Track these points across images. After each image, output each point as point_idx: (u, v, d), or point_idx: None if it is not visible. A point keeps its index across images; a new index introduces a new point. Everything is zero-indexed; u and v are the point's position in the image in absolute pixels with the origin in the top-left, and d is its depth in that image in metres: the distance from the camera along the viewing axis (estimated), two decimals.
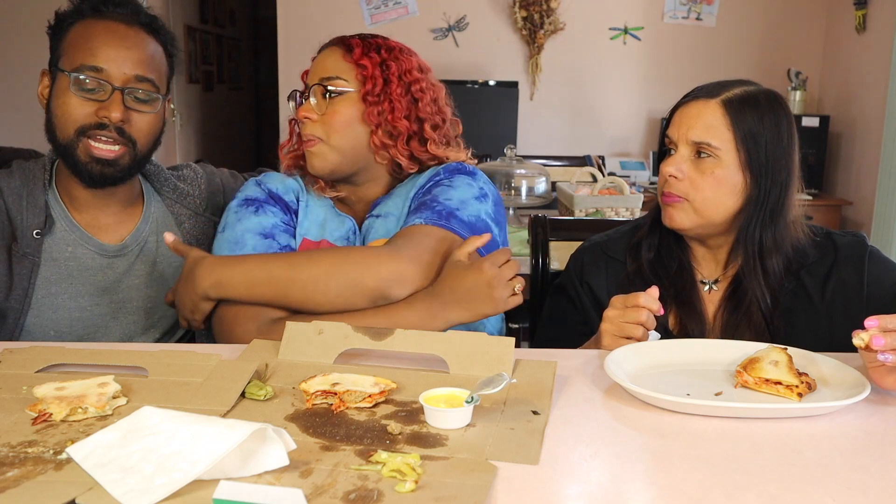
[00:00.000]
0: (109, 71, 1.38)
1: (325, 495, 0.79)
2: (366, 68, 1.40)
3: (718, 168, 1.34)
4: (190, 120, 6.18)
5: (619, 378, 1.07)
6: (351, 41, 1.43)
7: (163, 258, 1.55)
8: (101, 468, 0.82)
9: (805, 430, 0.98)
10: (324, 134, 1.39)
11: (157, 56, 1.45)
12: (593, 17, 4.94)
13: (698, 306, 1.39)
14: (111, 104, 1.38)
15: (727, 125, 1.33)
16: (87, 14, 1.42)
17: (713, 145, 1.33)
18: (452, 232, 1.31)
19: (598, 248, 1.51)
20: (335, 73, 1.40)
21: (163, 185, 1.59)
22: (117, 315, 1.50)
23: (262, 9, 7.64)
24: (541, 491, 0.83)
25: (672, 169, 1.35)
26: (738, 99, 1.35)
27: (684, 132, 1.36)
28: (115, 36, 1.40)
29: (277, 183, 1.49)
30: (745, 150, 1.33)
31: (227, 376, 1.09)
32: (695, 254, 1.45)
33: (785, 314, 1.37)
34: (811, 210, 4.31)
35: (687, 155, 1.36)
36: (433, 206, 1.34)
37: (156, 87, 1.43)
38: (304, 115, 1.40)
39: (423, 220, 1.31)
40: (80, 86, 1.38)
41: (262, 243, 1.38)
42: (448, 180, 1.40)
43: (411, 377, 1.12)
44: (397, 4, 4.90)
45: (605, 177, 3.09)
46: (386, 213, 1.44)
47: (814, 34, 4.90)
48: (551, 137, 5.06)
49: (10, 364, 1.14)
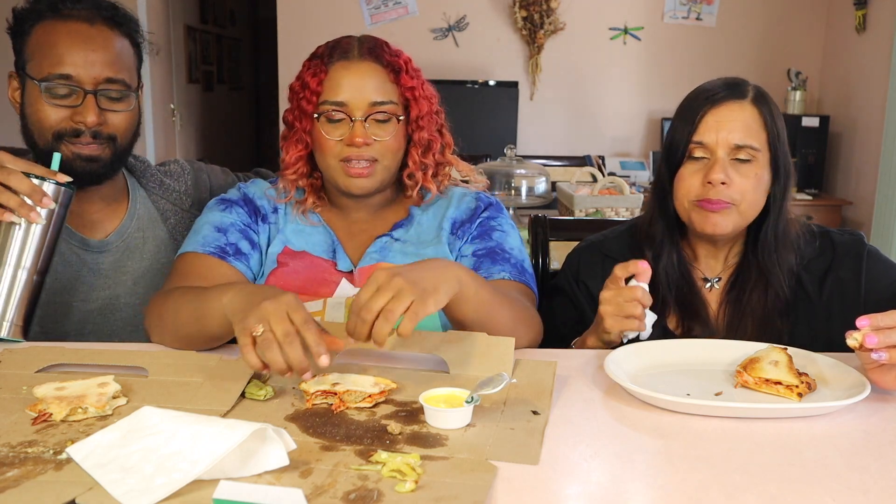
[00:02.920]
0: (79, 77, 1.36)
1: (325, 495, 0.79)
2: (413, 89, 1.41)
3: (758, 169, 1.34)
4: (190, 120, 6.17)
5: (619, 378, 1.07)
6: (389, 59, 1.39)
7: (149, 254, 1.54)
8: (101, 468, 0.82)
9: (805, 430, 0.98)
10: (380, 155, 1.38)
11: (124, 52, 1.43)
12: (593, 17, 4.93)
13: (702, 309, 1.40)
14: (85, 109, 1.36)
15: (762, 125, 1.35)
16: (46, 15, 1.39)
17: (756, 147, 1.33)
18: (526, 285, 1.40)
19: (594, 247, 1.51)
20: (386, 96, 1.38)
21: (149, 180, 1.58)
22: (104, 312, 1.50)
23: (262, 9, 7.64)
24: (541, 491, 0.83)
25: (722, 176, 1.32)
26: (760, 97, 1.37)
27: (725, 136, 1.33)
28: (80, 39, 1.37)
29: (256, 189, 1.50)
30: (774, 148, 1.35)
31: (227, 376, 1.09)
32: (697, 252, 1.45)
33: (785, 312, 1.37)
34: (811, 210, 4.31)
35: (727, 159, 1.34)
36: (506, 256, 1.41)
37: (126, 84, 1.41)
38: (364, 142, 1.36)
39: (510, 276, 1.38)
40: (52, 93, 1.36)
41: (213, 235, 1.40)
42: (494, 220, 1.47)
43: (411, 377, 1.12)
44: (397, 4, 4.90)
45: (605, 177, 3.10)
46: (405, 239, 1.45)
47: (814, 34, 4.90)
48: (551, 137, 5.05)
49: (10, 364, 1.14)
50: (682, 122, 1.37)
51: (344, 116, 1.36)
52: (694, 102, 1.38)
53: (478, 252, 1.42)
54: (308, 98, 1.38)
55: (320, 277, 1.40)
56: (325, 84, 1.37)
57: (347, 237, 1.46)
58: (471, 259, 1.42)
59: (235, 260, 1.38)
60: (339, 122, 1.37)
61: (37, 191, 1.23)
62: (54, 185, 1.26)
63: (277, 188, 1.48)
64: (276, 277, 1.40)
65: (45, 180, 1.25)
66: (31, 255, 1.25)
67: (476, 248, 1.43)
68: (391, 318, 1.00)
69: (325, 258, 1.43)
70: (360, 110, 1.36)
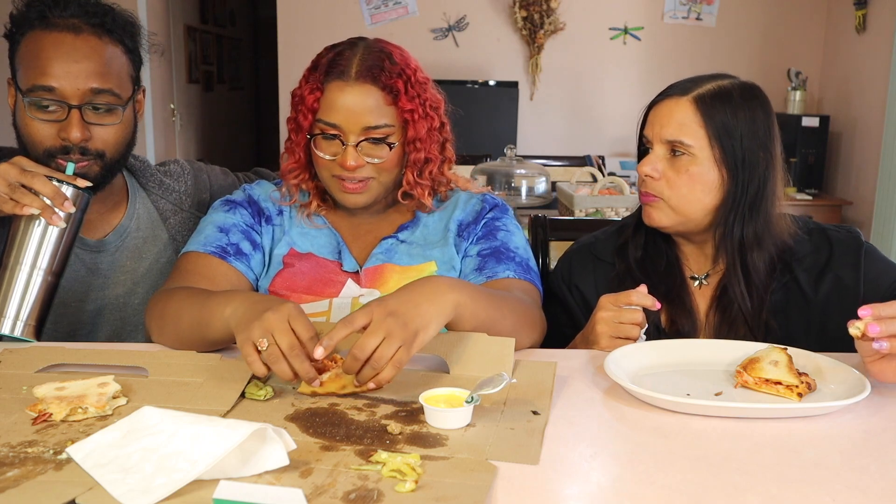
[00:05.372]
0: (62, 89, 1.32)
1: (325, 495, 0.79)
2: (413, 112, 1.37)
3: (693, 165, 1.34)
4: (190, 120, 6.17)
5: (619, 378, 1.07)
6: (386, 81, 1.35)
7: (149, 254, 1.54)
8: (101, 468, 0.82)
9: (805, 430, 0.98)
10: (375, 173, 1.38)
11: (113, 61, 1.37)
12: (593, 17, 4.93)
13: (688, 302, 1.40)
14: (69, 125, 1.33)
15: (699, 122, 1.34)
16: (35, 24, 1.35)
17: (686, 143, 1.33)
18: (531, 283, 1.40)
19: (585, 249, 1.51)
20: (381, 119, 1.35)
21: (148, 180, 1.58)
22: (103, 312, 1.50)
23: (262, 9, 7.64)
24: (541, 491, 0.83)
25: (648, 168, 1.37)
26: (709, 95, 1.35)
27: (658, 131, 1.36)
28: (63, 50, 1.33)
29: (261, 191, 1.50)
30: (720, 146, 1.33)
31: (227, 376, 1.09)
32: (682, 249, 1.45)
33: (778, 309, 1.36)
34: (811, 210, 4.30)
35: (662, 154, 1.37)
36: (511, 255, 1.41)
37: (115, 94, 1.36)
38: (356, 166, 1.34)
39: (515, 275, 1.38)
40: (37, 106, 1.33)
41: (215, 235, 1.40)
42: (499, 220, 1.47)
43: (411, 377, 1.12)
44: (397, 4, 4.90)
45: (605, 177, 3.09)
46: (411, 241, 1.45)
47: (814, 34, 4.90)
48: (551, 137, 5.05)
49: (10, 364, 1.14)
50: (642, 119, 1.44)
51: (337, 137, 1.35)
52: (652, 99, 1.43)
53: (483, 252, 1.42)
54: (304, 114, 1.37)
55: (326, 278, 1.41)
56: (321, 102, 1.35)
57: (353, 238, 1.46)
58: (476, 259, 1.42)
59: (236, 260, 1.38)
60: (333, 140, 1.35)
61: (59, 194, 1.24)
62: (73, 188, 1.26)
63: (282, 191, 1.48)
64: (283, 278, 1.40)
65: (64, 184, 1.26)
66: (48, 257, 1.26)
67: (481, 247, 1.43)
68: (377, 367, 1.01)
69: (331, 259, 1.43)
70: (353, 134, 1.33)
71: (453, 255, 1.43)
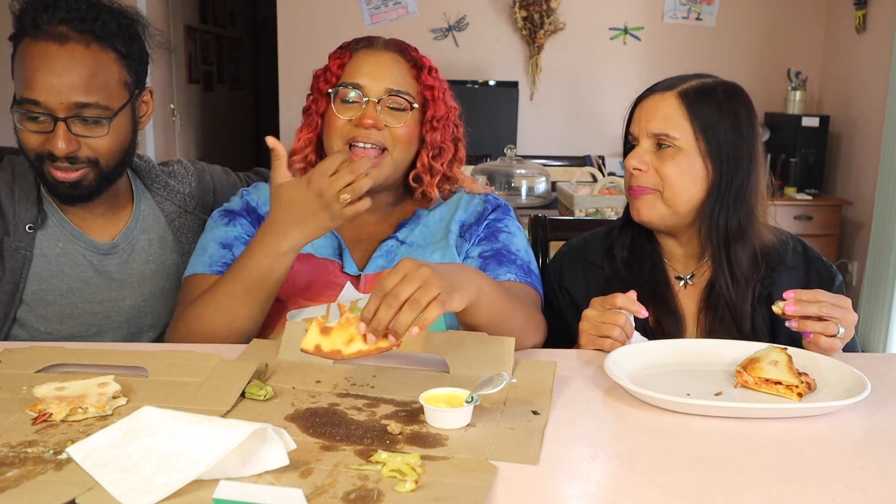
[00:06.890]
0: (47, 103, 1.30)
1: (325, 495, 0.79)
2: (433, 89, 1.41)
3: (679, 156, 1.36)
4: (190, 120, 6.17)
5: (619, 378, 1.07)
6: (414, 55, 1.42)
7: (154, 256, 1.54)
8: (101, 468, 0.82)
9: (805, 430, 0.98)
10: (390, 144, 1.38)
11: (100, 70, 1.34)
12: (593, 17, 4.93)
13: (672, 302, 1.41)
14: (54, 137, 1.32)
15: (684, 115, 1.36)
16: (27, 31, 1.33)
17: (672, 136, 1.36)
18: (533, 287, 1.41)
19: (574, 252, 1.52)
20: (404, 87, 1.38)
21: (153, 181, 1.58)
22: (110, 315, 1.50)
23: (262, 9, 7.64)
24: (541, 491, 0.83)
25: (635, 161, 1.38)
26: (694, 90, 1.38)
27: (644, 125, 1.39)
28: (47, 61, 1.30)
29: (259, 195, 1.49)
30: (705, 138, 1.36)
31: (227, 376, 1.09)
32: (666, 250, 1.46)
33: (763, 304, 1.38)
34: (811, 210, 4.31)
35: (649, 147, 1.38)
36: (512, 258, 1.41)
37: (102, 107, 1.34)
38: (374, 123, 1.35)
39: (516, 278, 1.38)
40: (26, 117, 1.33)
41: (218, 252, 1.40)
42: (501, 222, 1.47)
43: (411, 377, 1.12)
44: (397, 4, 4.90)
45: (605, 177, 3.10)
46: (412, 241, 1.44)
47: (814, 34, 4.90)
48: (551, 137, 5.05)
49: (10, 364, 1.14)
50: (628, 116, 1.45)
51: (358, 100, 1.37)
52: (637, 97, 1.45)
53: (484, 254, 1.42)
54: (327, 79, 1.40)
55: (325, 279, 1.40)
56: (346, 68, 1.40)
57: (354, 241, 1.46)
58: (477, 260, 1.42)
59: None
60: (353, 105, 1.37)
61: None
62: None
63: None
64: None
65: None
66: None
67: (482, 249, 1.43)
68: (416, 309, 0.98)
69: (332, 259, 1.43)
70: (375, 94, 1.37)
71: (454, 257, 1.43)
